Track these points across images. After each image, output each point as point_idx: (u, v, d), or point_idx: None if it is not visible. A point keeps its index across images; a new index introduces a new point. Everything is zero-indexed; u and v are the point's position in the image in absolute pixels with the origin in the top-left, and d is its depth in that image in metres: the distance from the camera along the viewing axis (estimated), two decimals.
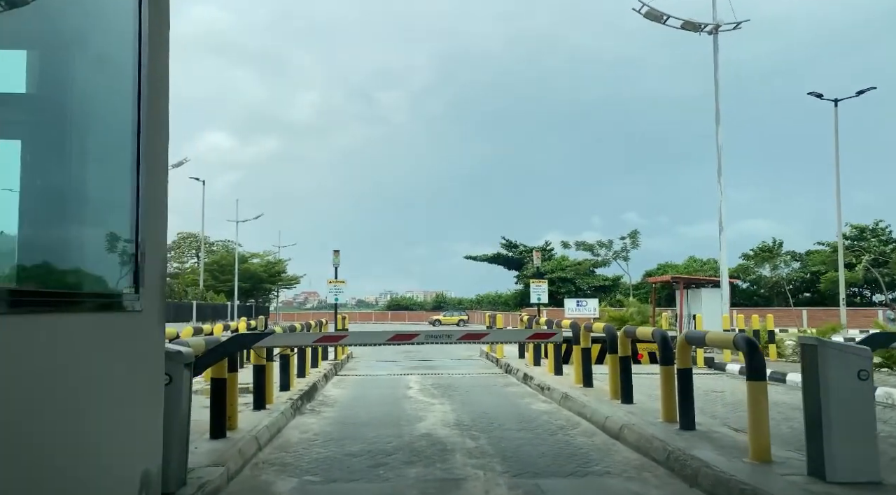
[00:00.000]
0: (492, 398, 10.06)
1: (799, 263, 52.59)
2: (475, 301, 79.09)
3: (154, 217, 3.53)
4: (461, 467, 5.59)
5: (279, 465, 5.69)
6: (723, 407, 8.51)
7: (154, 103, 3.48)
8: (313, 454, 6.13)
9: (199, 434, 6.10)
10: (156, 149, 3.58)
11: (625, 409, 7.61)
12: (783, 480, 4.48)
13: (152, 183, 3.50)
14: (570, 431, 7.23)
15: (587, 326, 9.83)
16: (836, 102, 31.22)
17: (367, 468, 5.58)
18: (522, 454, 6.10)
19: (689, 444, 5.62)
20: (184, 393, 4.37)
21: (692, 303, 18.89)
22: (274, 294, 74.65)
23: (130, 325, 3.26)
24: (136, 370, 3.34)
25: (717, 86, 18.92)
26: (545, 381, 10.48)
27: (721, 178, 18.38)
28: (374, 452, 6.17)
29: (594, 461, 5.81)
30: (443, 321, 60.02)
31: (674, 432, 6.20)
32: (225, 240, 69.68)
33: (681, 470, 5.16)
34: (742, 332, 12.56)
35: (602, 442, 6.60)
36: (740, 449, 5.41)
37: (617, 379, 8.32)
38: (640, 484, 5.02)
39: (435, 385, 11.61)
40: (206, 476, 4.72)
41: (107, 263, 3.21)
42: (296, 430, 7.32)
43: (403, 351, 22.34)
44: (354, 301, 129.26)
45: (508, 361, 14.37)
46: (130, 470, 3.19)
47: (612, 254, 57.63)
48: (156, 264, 3.59)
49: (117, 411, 3.07)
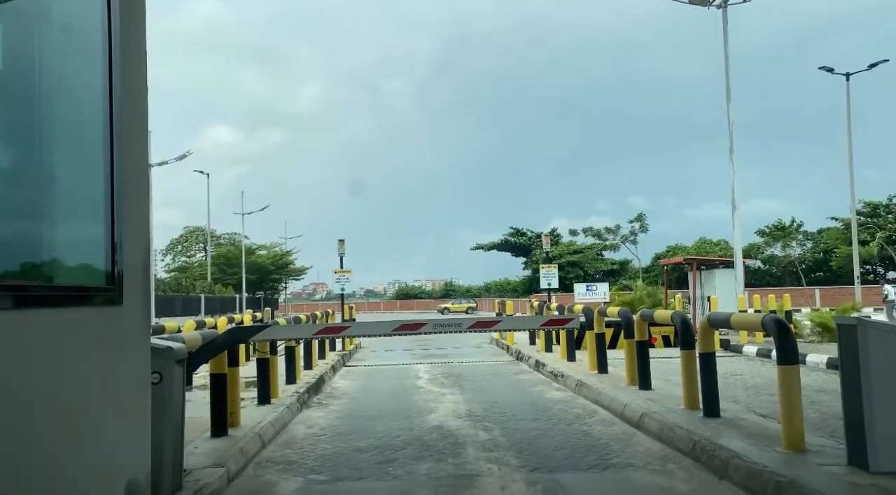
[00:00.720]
0: (504, 386, 9.77)
1: (811, 243, 51.96)
2: (483, 288, 78.82)
3: (133, 204, 3.21)
4: (474, 462, 5.30)
5: (283, 464, 5.41)
6: (744, 391, 8.19)
7: (128, 86, 3.16)
8: (319, 450, 5.85)
9: (200, 432, 5.84)
10: (133, 133, 3.27)
11: (643, 396, 7.30)
12: (822, 471, 4.15)
13: (130, 168, 3.18)
14: (587, 420, 6.93)
15: (601, 311, 9.51)
16: (848, 76, 30.55)
17: (375, 465, 5.29)
18: (538, 446, 5.80)
19: (716, 433, 5.31)
20: (176, 391, 4.08)
21: (705, 285, 18.49)
22: (282, 286, 74.64)
23: (108, 321, 2.95)
24: (117, 370, 3.04)
25: (727, 61, 18.42)
26: (558, 368, 10.18)
27: (733, 156, 17.94)
28: (382, 447, 5.89)
29: (615, 452, 5.50)
30: (451, 309, 59.78)
31: (698, 420, 5.88)
32: (231, 233, 69.58)
33: (708, 461, 4.84)
34: (773, 313, 12.07)
35: (622, 432, 6.30)
36: (770, 438, 5.09)
37: (634, 365, 8.00)
38: (666, 478, 4.71)
39: (445, 374, 11.33)
40: (204, 478, 4.45)
41: (77, 254, 2.89)
42: (302, 425, 7.05)
43: (412, 340, 22.08)
44: (363, 291, 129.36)
45: (519, 348, 14.08)
46: (112, 482, 2.90)
47: (621, 238, 57.15)
48: (137, 255, 3.28)
49: (94, 416, 2.77)
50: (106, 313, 2.93)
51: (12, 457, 2.21)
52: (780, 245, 50.85)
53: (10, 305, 2.26)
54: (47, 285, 2.65)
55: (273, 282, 69.35)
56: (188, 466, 4.71)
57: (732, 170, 17.76)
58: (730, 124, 17.94)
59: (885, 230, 44.95)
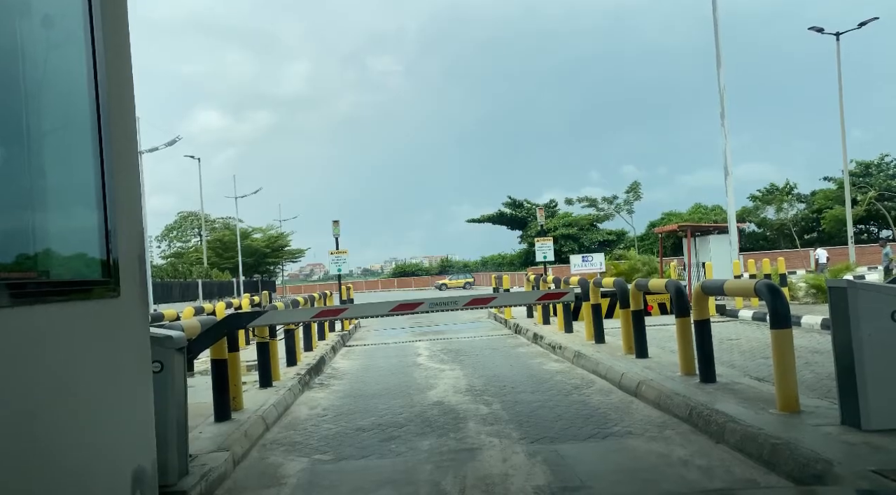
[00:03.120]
0: (503, 360, 9.87)
1: (804, 205, 52.11)
2: (480, 263, 79.02)
3: (124, 193, 3.21)
4: (475, 435, 5.39)
5: (287, 445, 5.49)
6: (740, 356, 8.30)
7: (113, 73, 3.13)
8: (323, 430, 5.93)
9: (204, 417, 5.91)
10: (120, 120, 3.25)
11: (640, 364, 7.39)
12: (816, 431, 4.24)
13: (119, 156, 3.17)
14: (586, 390, 7.02)
15: (597, 282, 9.57)
16: (838, 36, 30.33)
17: (378, 443, 5.37)
18: (538, 418, 5.89)
19: (712, 398, 5.40)
20: (177, 379, 4.13)
21: (700, 251, 18.60)
22: (279, 268, 74.68)
23: (106, 313, 2.98)
24: (118, 360, 3.07)
25: (716, 26, 18.25)
26: (556, 340, 10.28)
27: (725, 122, 17.87)
28: (384, 425, 5.97)
29: (613, 421, 5.60)
30: (449, 285, 59.97)
31: (694, 386, 5.97)
32: (226, 216, 69.32)
33: (705, 427, 4.93)
34: (768, 278, 12.16)
35: (619, 401, 6.39)
36: (766, 401, 5.18)
37: (630, 334, 8.09)
38: (664, 444, 4.80)
39: (444, 350, 11.43)
40: (210, 462, 4.52)
41: (71, 247, 2.90)
42: (304, 406, 7.13)
43: (411, 318, 22.20)
44: (360, 270, 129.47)
45: (517, 321, 14.18)
46: (120, 469, 2.95)
47: (615, 208, 57.18)
48: (131, 245, 3.29)
49: (98, 408, 2.81)
50: (103, 305, 2.95)
51: (17, 453, 2.25)
52: (774, 208, 50.99)
53: (7, 302, 2.28)
54: (44, 281, 2.67)
55: (269, 265, 69.36)
56: (194, 451, 4.78)
57: (724, 136, 17.71)
58: (721, 89, 17.84)
59: (876, 188, 45.07)
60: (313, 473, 4.67)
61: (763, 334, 10.53)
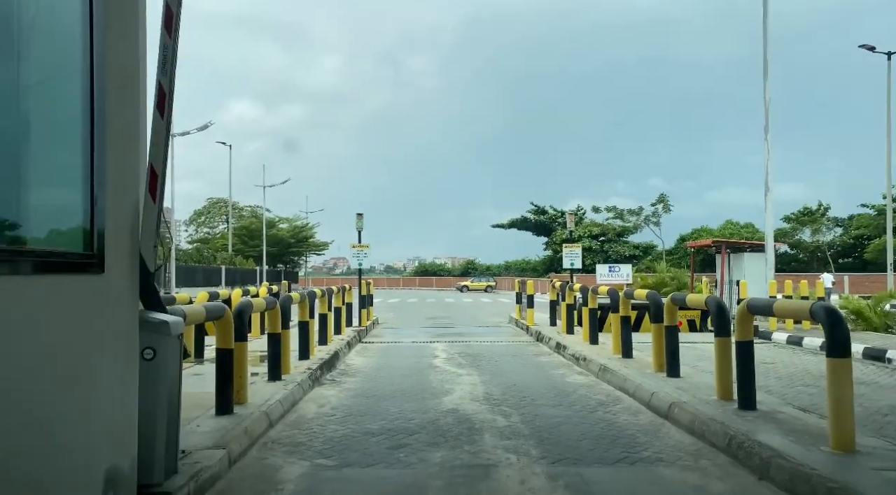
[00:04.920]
0: (523, 368, 9.43)
1: (840, 228, 50.62)
2: (503, 267, 78.40)
3: (120, 164, 2.87)
4: (491, 450, 4.97)
5: (290, 445, 5.13)
6: (777, 381, 7.76)
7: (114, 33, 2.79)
8: (329, 432, 5.57)
9: (205, 409, 5.59)
10: (120, 87, 2.91)
11: (672, 384, 6.90)
12: (877, 477, 3.75)
13: (116, 125, 2.84)
14: (612, 408, 6.56)
15: (627, 293, 9.08)
16: (890, 55, 29.26)
17: (386, 450, 4.99)
18: (560, 435, 5.46)
19: (753, 427, 4.91)
20: (172, 368, 3.78)
21: (733, 269, 17.93)
22: (303, 259, 74.89)
23: (84, 290, 2.64)
24: (95, 345, 2.73)
25: (765, 34, 17.55)
26: (580, 351, 9.81)
27: (768, 136, 17.18)
28: (395, 430, 5.58)
29: (642, 445, 5.14)
30: (470, 287, 59.49)
31: (732, 412, 5.48)
32: (254, 205, 69.65)
33: (746, 459, 4.46)
34: (822, 300, 11.39)
35: (649, 422, 5.92)
36: (813, 435, 4.68)
37: (662, 351, 7.59)
38: (700, 476, 4.34)
39: (462, 353, 11.02)
40: (203, 460, 4.17)
41: (40, 214, 2.57)
42: (313, 404, 6.78)
43: (431, 317, 21.84)
44: (382, 267, 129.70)
45: (539, 329, 13.72)
46: (89, 470, 2.60)
47: (644, 220, 56.11)
48: (124, 219, 2.95)
49: (64, 399, 2.47)
50: (82, 282, 2.61)
51: None
52: (810, 230, 49.60)
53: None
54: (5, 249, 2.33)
55: (293, 256, 69.59)
56: (188, 446, 4.45)
57: (767, 150, 17.02)
58: (766, 102, 17.15)
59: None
60: (313, 480, 4.30)
61: (800, 359, 9.94)
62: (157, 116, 3.87)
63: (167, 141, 3.93)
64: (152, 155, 3.83)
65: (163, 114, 3.90)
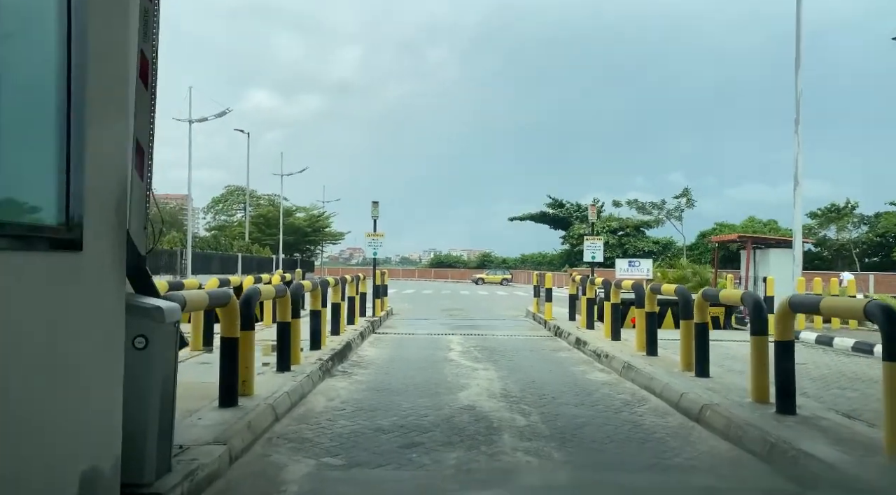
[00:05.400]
0: (541, 364, 9.07)
1: (866, 226, 49.47)
2: (520, 260, 77.85)
3: (100, 126, 2.55)
4: (510, 452, 4.63)
5: (296, 442, 4.83)
6: (811, 383, 7.32)
7: None
8: (338, 427, 5.26)
9: (210, 400, 5.31)
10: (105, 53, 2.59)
11: (701, 384, 6.51)
12: None
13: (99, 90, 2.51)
14: (637, 408, 6.19)
15: (654, 288, 8.67)
16: None
17: (397, 449, 4.67)
18: (583, 437, 5.10)
19: (796, 435, 4.52)
20: (166, 358, 3.47)
21: (759, 265, 17.38)
22: (319, 249, 74.93)
23: (59, 270, 2.32)
24: (72, 331, 2.42)
25: (798, 24, 16.90)
26: (602, 347, 9.42)
27: (799, 128, 16.56)
28: (407, 427, 5.26)
29: (673, 450, 4.76)
30: (486, 280, 59.08)
31: (771, 417, 5.09)
32: (271, 194, 69.69)
33: (791, 469, 4.07)
34: (875, 299, 10.80)
35: (678, 425, 5.55)
36: (864, 445, 4.29)
37: (691, 349, 7.19)
38: (739, 485, 3.97)
39: (478, 347, 10.68)
40: (201, 457, 3.87)
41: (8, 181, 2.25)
42: (322, 397, 6.48)
43: (446, 309, 21.52)
44: (398, 258, 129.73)
45: (558, 323, 13.33)
46: (58, 472, 2.30)
47: (666, 214, 55.19)
48: (106, 191, 2.63)
49: (28, 390, 2.16)
50: (55, 260, 2.30)
51: None
52: (835, 227, 48.51)
53: None
54: None
55: (310, 245, 69.63)
56: (187, 441, 4.16)
57: (797, 144, 16.39)
58: (797, 93, 16.51)
59: None
60: (319, 481, 3.99)
61: (832, 360, 9.48)
62: (140, 87, 3.57)
63: (153, 114, 3.63)
64: (137, 129, 3.54)
65: (146, 84, 3.59)
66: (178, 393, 5.42)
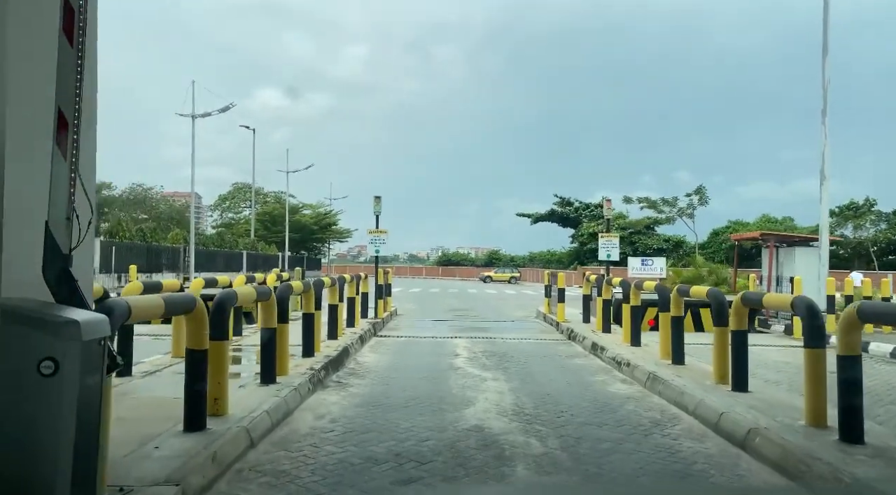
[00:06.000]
0: (556, 373, 8.27)
1: (885, 224, 48.23)
2: (528, 258, 76.91)
3: None
4: (525, 490, 3.83)
5: (270, 475, 4.06)
6: None
7: None
8: (322, 456, 4.49)
9: (174, 422, 4.56)
10: None
11: (741, 401, 5.69)
12: None
13: None
14: (670, 429, 5.39)
15: (682, 289, 7.84)
16: None
17: (390, 486, 3.90)
18: (611, 468, 4.31)
19: (876, 473, 3.71)
20: (84, 386, 2.71)
21: (783, 264, 16.49)
22: (326, 246, 74.25)
23: None
24: None
25: (826, 9, 16.00)
26: (621, 354, 8.61)
27: (826, 119, 15.63)
28: (403, 456, 4.48)
29: (720, 487, 3.97)
30: (494, 278, 58.24)
31: (833, 447, 4.29)
32: (278, 191, 69.03)
33: None
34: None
35: (720, 452, 4.74)
36: None
37: (726, 359, 6.38)
38: None
39: (486, 352, 9.89)
40: None
41: None
42: (309, 414, 5.72)
43: (453, 309, 20.73)
44: (406, 255, 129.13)
45: (571, 326, 12.51)
46: None
47: (678, 212, 54.05)
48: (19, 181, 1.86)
49: None
50: None
51: None
52: (852, 225, 47.33)
53: None
54: None
55: (316, 242, 68.97)
56: (132, 480, 3.41)
57: (825, 135, 15.45)
58: (824, 82, 15.56)
59: None
60: None
61: (872, 369, 8.63)
62: (64, 43, 2.81)
63: (80, 78, 2.87)
64: (60, 95, 2.79)
65: (71, 40, 2.83)
66: (139, 413, 4.64)
